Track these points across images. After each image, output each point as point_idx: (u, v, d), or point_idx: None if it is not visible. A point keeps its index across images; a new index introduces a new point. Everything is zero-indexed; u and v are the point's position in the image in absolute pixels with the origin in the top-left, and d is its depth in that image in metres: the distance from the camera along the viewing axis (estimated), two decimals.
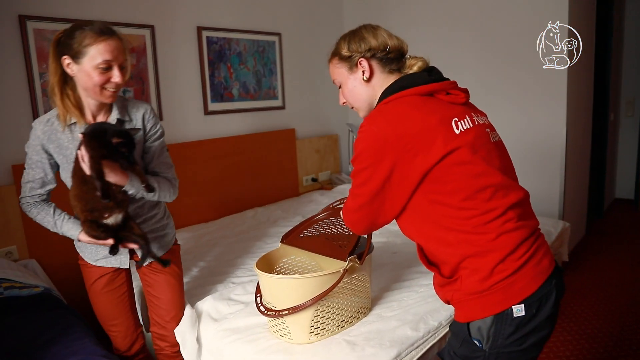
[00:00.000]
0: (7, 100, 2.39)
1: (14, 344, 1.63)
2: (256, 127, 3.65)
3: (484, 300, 1.10)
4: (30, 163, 1.57)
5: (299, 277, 1.55)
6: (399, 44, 1.27)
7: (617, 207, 5.13)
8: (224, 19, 3.34)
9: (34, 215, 1.62)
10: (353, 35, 1.27)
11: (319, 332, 1.61)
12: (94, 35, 1.44)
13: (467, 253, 1.11)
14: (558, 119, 3.23)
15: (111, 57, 1.46)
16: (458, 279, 1.14)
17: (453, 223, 1.11)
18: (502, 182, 1.12)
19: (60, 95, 1.51)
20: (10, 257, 2.39)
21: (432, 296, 1.86)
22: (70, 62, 1.46)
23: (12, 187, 2.38)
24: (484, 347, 1.12)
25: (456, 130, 1.11)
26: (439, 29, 3.66)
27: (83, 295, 2.63)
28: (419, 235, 1.21)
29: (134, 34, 2.83)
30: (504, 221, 1.10)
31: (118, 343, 1.84)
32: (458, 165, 1.09)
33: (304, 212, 3.25)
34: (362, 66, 1.24)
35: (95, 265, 1.70)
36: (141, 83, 2.89)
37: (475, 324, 1.13)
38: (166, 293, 1.81)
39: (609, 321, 2.71)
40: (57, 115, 1.54)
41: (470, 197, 1.09)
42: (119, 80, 1.49)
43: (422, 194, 1.12)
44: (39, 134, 1.54)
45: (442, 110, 1.14)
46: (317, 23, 4.07)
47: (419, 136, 1.08)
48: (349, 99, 1.32)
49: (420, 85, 1.17)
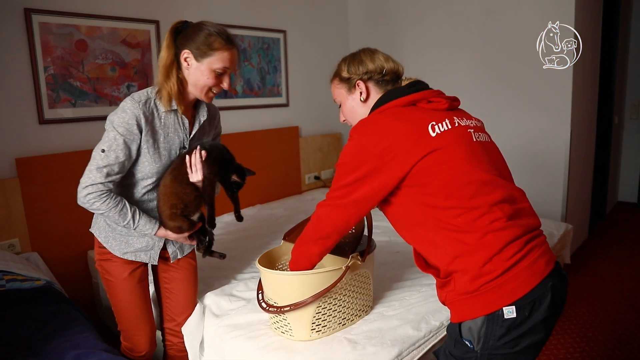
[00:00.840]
0: (11, 93, 2.40)
1: (16, 337, 1.64)
2: (259, 124, 3.65)
3: (474, 300, 1.10)
4: (117, 144, 1.48)
5: (301, 274, 1.54)
6: (395, 67, 1.36)
7: (620, 210, 5.11)
8: (228, 15, 3.34)
9: (107, 206, 1.50)
10: (353, 59, 1.37)
11: (321, 329, 1.61)
12: (223, 42, 1.50)
13: (456, 253, 1.12)
14: (562, 121, 3.22)
15: (229, 66, 1.54)
16: (451, 280, 1.16)
17: (441, 223, 1.14)
18: (485, 179, 1.14)
19: (171, 79, 1.53)
20: (13, 250, 2.39)
21: (434, 296, 1.86)
22: (190, 57, 1.51)
23: (15, 179, 2.38)
24: (475, 348, 1.12)
25: (432, 133, 1.17)
26: (441, 27, 3.65)
27: (84, 290, 2.66)
28: (413, 239, 1.25)
29: (139, 29, 2.83)
30: (491, 220, 1.11)
31: (142, 343, 1.78)
32: (437, 165, 1.14)
33: (306, 210, 3.24)
34: (360, 87, 1.34)
35: (123, 258, 1.67)
36: (145, 78, 2.89)
37: (466, 325, 1.14)
38: (185, 289, 1.83)
39: (610, 324, 2.70)
40: (157, 97, 1.55)
41: (452, 195, 1.12)
42: (227, 87, 1.57)
43: (412, 197, 1.17)
44: (137, 113, 1.50)
45: (419, 117, 1.21)
46: (322, 21, 4.06)
47: (395, 143, 1.14)
48: (348, 118, 1.41)
49: (400, 97, 1.26)
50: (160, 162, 1.60)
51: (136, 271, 1.71)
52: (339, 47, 4.24)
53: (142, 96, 1.53)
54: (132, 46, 2.81)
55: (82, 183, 1.49)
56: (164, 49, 1.53)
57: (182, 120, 1.63)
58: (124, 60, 2.79)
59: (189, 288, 1.85)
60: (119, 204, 1.52)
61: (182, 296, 1.84)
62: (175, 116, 1.61)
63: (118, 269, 1.68)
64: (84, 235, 2.62)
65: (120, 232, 1.65)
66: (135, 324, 1.75)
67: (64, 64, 2.55)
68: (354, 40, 4.30)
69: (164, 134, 1.59)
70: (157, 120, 1.56)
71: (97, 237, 1.69)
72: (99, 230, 1.68)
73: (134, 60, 2.83)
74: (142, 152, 1.55)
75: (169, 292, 1.84)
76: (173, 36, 1.53)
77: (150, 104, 1.54)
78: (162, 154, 1.60)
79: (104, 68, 2.71)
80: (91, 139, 2.69)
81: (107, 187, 1.49)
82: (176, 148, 1.63)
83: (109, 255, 1.68)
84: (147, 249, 1.69)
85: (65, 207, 2.54)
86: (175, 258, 1.79)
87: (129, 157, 1.52)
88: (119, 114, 1.49)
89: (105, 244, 1.67)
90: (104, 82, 2.72)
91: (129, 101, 1.51)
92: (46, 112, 2.51)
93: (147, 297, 1.77)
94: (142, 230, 1.59)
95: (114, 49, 2.74)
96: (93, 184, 1.47)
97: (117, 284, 1.69)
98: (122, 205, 1.53)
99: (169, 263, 1.79)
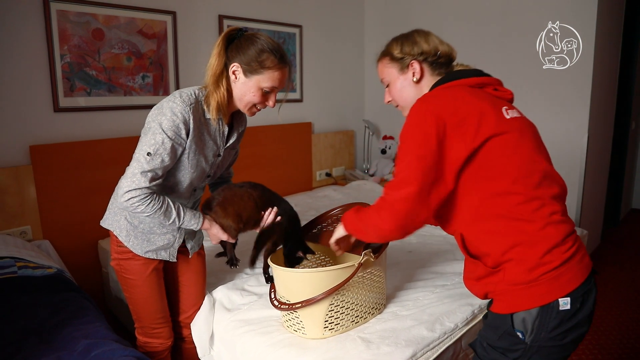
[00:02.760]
0: (27, 81, 2.39)
1: (27, 323, 1.63)
2: (272, 119, 3.63)
3: (531, 291, 1.09)
4: (164, 148, 1.41)
5: (314, 271, 1.53)
6: (449, 50, 1.32)
7: (633, 217, 5.04)
8: (245, 8, 3.32)
9: (152, 209, 1.43)
10: (406, 38, 1.32)
11: (333, 326, 1.59)
12: (276, 61, 1.44)
13: (515, 241, 1.10)
14: (580, 125, 3.17)
15: (278, 85, 1.48)
16: (501, 270, 1.13)
17: (502, 210, 1.11)
18: (548, 172, 1.16)
19: (220, 89, 1.47)
20: (25, 237, 2.39)
21: (448, 297, 1.83)
22: (239, 71, 1.46)
23: (28, 167, 2.38)
24: (526, 339, 1.11)
25: (506, 115, 1.16)
26: (461, 26, 3.61)
27: (94, 279, 2.65)
28: (465, 227, 1.19)
29: (156, 19, 2.82)
30: (550, 212, 1.11)
31: (164, 336, 1.76)
32: (509, 148, 1.11)
33: (317, 207, 3.22)
34: (414, 68, 1.29)
35: (144, 257, 1.63)
36: (160, 69, 2.88)
37: (519, 315, 1.11)
38: (197, 281, 1.83)
39: (622, 332, 2.65)
40: (205, 103, 1.49)
41: (519, 181, 1.10)
42: (272, 105, 1.52)
43: (472, 182, 1.13)
44: (187, 117, 1.43)
45: (493, 99, 1.20)
46: (338, 17, 4.03)
47: (471, 114, 1.11)
48: (396, 98, 1.36)
49: (469, 77, 1.24)
50: (195, 167, 1.54)
51: (157, 267, 1.69)
52: (354, 44, 4.21)
53: (191, 98, 1.46)
54: (149, 36, 2.80)
55: (125, 186, 1.39)
56: (215, 55, 1.46)
57: (223, 129, 1.58)
58: (140, 51, 2.78)
59: (200, 281, 1.85)
60: (163, 204, 1.46)
61: (194, 288, 1.83)
62: (219, 124, 1.55)
63: (140, 268, 1.64)
64: (95, 225, 2.60)
65: (142, 230, 1.60)
66: (157, 318, 1.73)
67: (80, 53, 2.54)
68: (370, 37, 4.26)
69: (205, 141, 1.53)
70: (203, 126, 1.51)
71: (116, 235, 1.61)
72: (119, 228, 1.61)
73: (150, 50, 2.82)
74: (183, 156, 1.50)
75: (183, 285, 1.83)
76: (225, 44, 1.46)
77: (199, 108, 1.48)
78: (199, 160, 1.54)
79: (120, 58, 2.70)
80: (105, 128, 2.69)
81: (151, 190, 1.42)
82: (211, 156, 1.58)
83: (129, 254, 1.62)
84: (168, 247, 1.66)
85: (77, 196, 2.54)
86: (193, 252, 1.78)
87: (174, 161, 1.46)
88: (168, 116, 1.40)
89: (126, 243, 1.60)
90: (119, 72, 2.71)
91: (179, 103, 1.42)
92: (61, 101, 2.51)
93: (164, 291, 1.76)
94: (188, 225, 1.55)
95: (130, 38, 2.72)
96: (137, 189, 1.39)
97: (141, 283, 1.65)
98: (166, 205, 1.47)
99: (184, 257, 1.78)
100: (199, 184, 1.66)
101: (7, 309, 1.70)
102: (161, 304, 1.73)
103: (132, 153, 1.46)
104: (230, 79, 1.48)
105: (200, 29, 3.06)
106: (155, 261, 1.67)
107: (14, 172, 2.34)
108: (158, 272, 1.70)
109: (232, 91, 1.50)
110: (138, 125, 2.73)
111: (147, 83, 2.84)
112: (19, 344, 1.52)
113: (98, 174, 2.59)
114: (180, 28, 2.95)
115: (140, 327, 1.75)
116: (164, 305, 1.74)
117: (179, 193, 1.59)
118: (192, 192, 1.65)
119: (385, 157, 4.23)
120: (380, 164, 4.24)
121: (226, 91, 1.48)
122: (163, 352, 1.79)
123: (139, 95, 2.81)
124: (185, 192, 1.61)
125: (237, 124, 1.66)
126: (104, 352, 1.45)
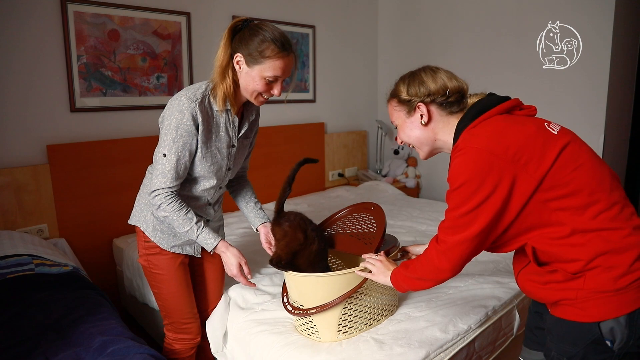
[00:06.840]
0: (45, 81, 2.43)
1: (44, 320, 1.66)
2: (285, 119, 3.64)
3: (620, 298, 1.05)
4: (176, 147, 1.47)
5: (327, 275, 1.52)
6: (459, 85, 1.24)
7: None
8: (259, 8, 3.33)
9: (172, 208, 1.50)
10: (412, 78, 1.26)
11: (347, 330, 1.58)
12: (276, 50, 1.44)
13: (600, 250, 1.06)
14: (597, 126, 3.13)
15: (281, 74, 1.48)
16: (582, 276, 1.08)
17: (584, 225, 1.06)
18: (612, 174, 1.12)
19: (226, 80, 1.49)
20: (41, 235, 2.43)
21: (462, 299, 1.82)
22: (242, 61, 1.47)
23: (46, 166, 2.41)
24: (614, 347, 1.07)
25: (553, 131, 1.12)
26: (475, 27, 3.58)
27: (108, 278, 2.69)
28: (537, 242, 1.14)
29: (170, 20, 2.84)
30: (630, 215, 1.08)
31: (194, 331, 1.78)
32: (574, 161, 1.07)
33: (330, 207, 3.22)
34: (421, 110, 1.24)
35: (171, 251, 1.66)
36: (175, 69, 2.90)
37: (607, 324, 1.07)
38: (217, 279, 1.86)
39: None
40: (212, 95, 1.52)
41: (596, 190, 1.07)
42: (278, 94, 1.52)
43: (542, 204, 1.08)
44: (195, 113, 1.47)
45: (530, 120, 1.14)
46: (351, 17, 4.03)
47: (526, 145, 1.06)
48: (406, 141, 1.32)
49: (497, 106, 1.17)
50: (211, 160, 1.57)
51: (183, 262, 1.71)
52: (368, 44, 4.20)
53: (198, 94, 1.49)
54: (163, 37, 2.83)
55: (151, 188, 1.51)
56: (221, 47, 1.48)
57: (233, 120, 1.60)
58: (155, 51, 2.80)
59: (221, 277, 1.88)
60: (183, 208, 1.52)
61: (215, 285, 1.86)
62: (227, 115, 1.57)
63: (168, 262, 1.67)
64: (110, 224, 2.66)
65: (168, 225, 1.63)
66: (186, 313, 1.74)
67: (96, 53, 2.57)
68: (383, 38, 4.25)
69: (216, 133, 1.56)
70: (211, 119, 1.53)
71: (143, 230, 1.66)
72: (145, 224, 1.65)
73: (165, 51, 2.84)
74: (196, 153, 1.54)
75: (203, 285, 1.85)
76: (230, 35, 1.48)
77: (205, 102, 1.50)
78: (214, 153, 1.57)
79: (135, 58, 2.73)
80: (120, 128, 2.72)
81: (173, 190, 1.51)
82: (225, 147, 1.60)
83: (157, 249, 1.66)
84: (192, 242, 1.69)
85: (93, 195, 2.57)
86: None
87: (190, 157, 1.52)
88: (175, 115, 1.45)
89: (153, 238, 1.64)
90: (134, 72, 2.74)
91: (184, 100, 1.46)
92: (77, 101, 2.54)
93: (192, 287, 1.78)
94: (203, 241, 1.57)
95: (145, 39, 2.75)
96: (160, 189, 1.49)
97: (169, 277, 1.68)
98: (187, 211, 1.53)
99: (207, 253, 1.79)
100: (223, 180, 1.68)
101: (25, 305, 1.73)
102: (189, 299, 1.75)
103: (146, 153, 1.50)
104: (235, 69, 1.50)
105: (214, 30, 3.08)
106: (181, 256, 1.70)
107: (32, 171, 2.38)
108: (185, 266, 1.72)
109: (238, 81, 1.53)
110: (153, 126, 2.77)
111: (161, 83, 2.87)
112: (37, 340, 1.54)
113: (113, 173, 2.63)
114: (195, 29, 2.97)
115: (170, 324, 1.77)
116: (192, 301, 1.76)
117: (205, 189, 1.63)
118: (217, 188, 1.69)
119: (398, 157, 4.21)
120: (393, 165, 4.22)
121: (232, 82, 1.50)
122: (192, 348, 1.81)
123: (154, 95, 2.84)
124: (210, 188, 1.65)
125: (248, 114, 1.67)
126: (119, 349, 1.47)
